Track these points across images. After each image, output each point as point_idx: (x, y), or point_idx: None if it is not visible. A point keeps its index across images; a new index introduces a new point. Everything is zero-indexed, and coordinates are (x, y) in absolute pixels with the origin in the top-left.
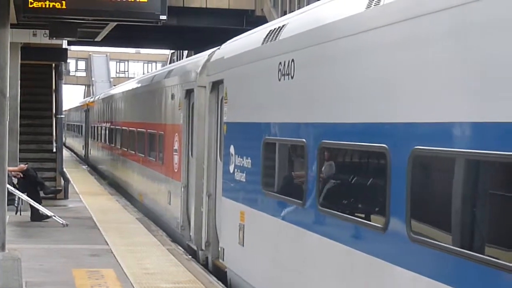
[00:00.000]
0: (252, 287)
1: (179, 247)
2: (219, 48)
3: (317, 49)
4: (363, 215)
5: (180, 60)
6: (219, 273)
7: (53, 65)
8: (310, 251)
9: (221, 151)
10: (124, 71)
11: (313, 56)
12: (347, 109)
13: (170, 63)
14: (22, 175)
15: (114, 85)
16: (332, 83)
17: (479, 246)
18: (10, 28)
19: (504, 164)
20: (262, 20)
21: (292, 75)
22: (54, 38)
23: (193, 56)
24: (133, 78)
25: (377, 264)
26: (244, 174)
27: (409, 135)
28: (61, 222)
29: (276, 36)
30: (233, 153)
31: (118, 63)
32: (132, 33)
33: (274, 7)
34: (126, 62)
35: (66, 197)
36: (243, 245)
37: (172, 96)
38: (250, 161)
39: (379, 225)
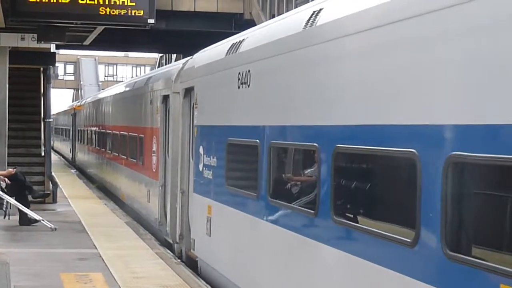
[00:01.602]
0: (219, 273)
1: (167, 250)
2: (192, 58)
3: (266, 62)
4: (301, 203)
5: (168, 63)
6: (192, 263)
7: (42, 69)
8: (262, 237)
9: (193, 152)
10: (113, 75)
11: (264, 68)
12: (289, 114)
13: (158, 66)
14: (9, 181)
15: (103, 89)
16: (277, 92)
17: (383, 227)
18: None
19: (391, 157)
20: (250, 24)
21: (248, 84)
22: (42, 42)
23: (170, 64)
24: (122, 81)
25: (312, 244)
26: (211, 172)
27: (333, 135)
28: (50, 226)
29: (237, 49)
30: (202, 153)
31: (106, 67)
32: (121, 37)
33: (263, 11)
34: (115, 66)
35: (54, 201)
36: (210, 236)
37: (151, 102)
38: (216, 160)
39: (312, 211)
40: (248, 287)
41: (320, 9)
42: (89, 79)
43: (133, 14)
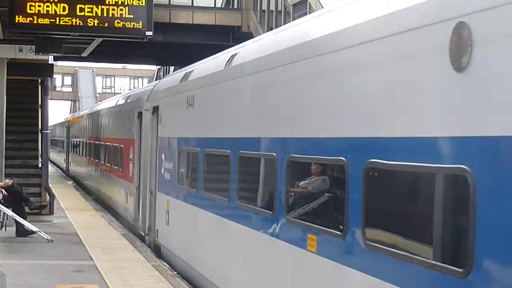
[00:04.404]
0: (174, 254)
1: (164, 263)
2: (159, 81)
3: (204, 89)
4: (220, 193)
5: (166, 75)
6: (157, 250)
7: (39, 80)
8: (199, 221)
9: (157, 158)
10: (111, 87)
11: (202, 94)
12: (216, 129)
13: (156, 78)
14: (5, 192)
15: (100, 101)
16: (209, 112)
17: (268, 208)
18: None
19: (266, 159)
20: (248, 36)
21: (193, 105)
22: (40, 54)
23: (146, 85)
24: (120, 93)
25: (226, 222)
26: (169, 174)
27: (238, 144)
28: (46, 238)
29: (187, 78)
30: (163, 159)
31: (104, 79)
32: (119, 49)
33: (260, 24)
34: (113, 78)
35: (51, 212)
36: (168, 225)
37: (129, 117)
38: (172, 164)
39: (226, 199)
40: (191, 261)
41: (236, 54)
42: (86, 91)
43: (131, 26)
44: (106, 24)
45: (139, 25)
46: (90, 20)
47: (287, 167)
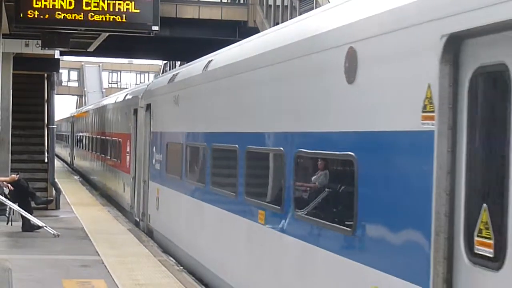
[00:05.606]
0: (162, 235)
1: (170, 258)
2: (152, 81)
3: (186, 90)
4: (200, 179)
5: (171, 70)
6: (150, 233)
7: (45, 75)
8: (182, 204)
9: (150, 151)
10: (117, 82)
11: (185, 94)
12: (194, 124)
13: (162, 73)
14: (12, 187)
15: (107, 96)
16: (189, 111)
17: (232, 191)
18: (2, 38)
19: (229, 150)
20: (254, 31)
21: (178, 104)
22: (47, 48)
23: (141, 84)
24: (126, 88)
25: (201, 204)
26: (159, 165)
27: (212, 139)
28: (52, 233)
29: (174, 79)
30: (154, 151)
31: (110, 74)
32: (125, 44)
33: (267, 19)
34: (119, 73)
35: (57, 207)
36: (158, 210)
37: (126, 113)
38: (161, 155)
39: (203, 184)
40: (176, 240)
41: (211, 60)
42: (92, 86)
43: (137, 21)
44: (112, 19)
45: (145, 20)
46: (97, 15)
47: (245, 156)
